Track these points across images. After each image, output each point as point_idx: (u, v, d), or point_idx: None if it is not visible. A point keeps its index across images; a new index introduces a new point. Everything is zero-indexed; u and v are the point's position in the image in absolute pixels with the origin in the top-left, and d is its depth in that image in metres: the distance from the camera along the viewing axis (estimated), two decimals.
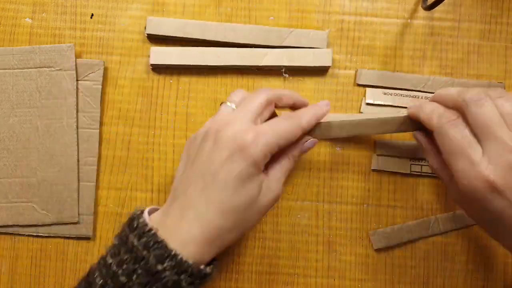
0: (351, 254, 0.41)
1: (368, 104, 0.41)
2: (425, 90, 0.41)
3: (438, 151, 0.33)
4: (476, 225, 0.41)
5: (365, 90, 0.41)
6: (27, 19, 0.42)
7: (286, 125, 0.32)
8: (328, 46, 0.42)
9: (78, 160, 0.41)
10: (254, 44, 0.41)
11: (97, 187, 0.41)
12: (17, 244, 0.41)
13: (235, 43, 0.41)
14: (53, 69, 0.40)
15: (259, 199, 0.31)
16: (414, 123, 0.36)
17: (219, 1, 0.42)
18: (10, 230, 0.41)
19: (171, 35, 0.40)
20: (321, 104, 0.35)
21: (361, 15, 0.42)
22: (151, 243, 0.28)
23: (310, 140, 0.35)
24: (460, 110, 0.31)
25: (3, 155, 0.40)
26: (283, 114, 0.34)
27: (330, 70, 0.42)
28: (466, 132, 0.30)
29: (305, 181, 0.41)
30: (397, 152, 0.41)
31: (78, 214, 0.40)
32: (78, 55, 0.41)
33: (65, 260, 0.41)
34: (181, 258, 0.28)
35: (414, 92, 0.41)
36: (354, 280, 0.41)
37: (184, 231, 0.29)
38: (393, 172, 0.41)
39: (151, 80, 0.42)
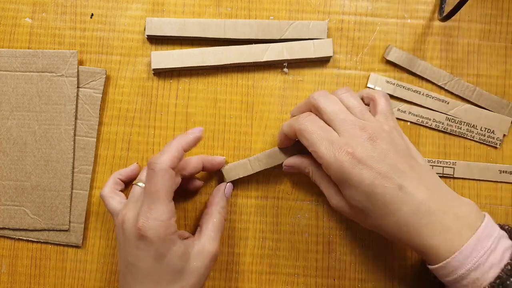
0: (351, 254, 0.41)
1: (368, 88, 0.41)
2: (446, 88, 0.42)
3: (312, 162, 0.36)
4: None
5: (369, 75, 0.42)
6: (27, 19, 0.42)
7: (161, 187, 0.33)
8: (328, 36, 0.42)
9: (73, 168, 0.40)
10: (255, 39, 0.41)
11: (96, 187, 0.41)
12: (17, 244, 0.41)
13: (235, 39, 0.41)
14: (54, 74, 0.40)
15: (190, 264, 0.33)
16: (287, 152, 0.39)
17: (219, 1, 0.42)
18: (0, 232, 0.41)
19: (171, 35, 0.41)
20: (193, 131, 0.36)
21: (361, 15, 0.42)
22: None
23: (227, 187, 0.39)
24: (313, 109, 0.35)
25: None
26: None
27: (330, 70, 0.42)
28: (322, 122, 0.33)
29: (305, 181, 0.41)
30: None
31: (69, 222, 0.40)
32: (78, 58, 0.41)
33: (65, 260, 0.41)
34: None
35: (416, 87, 0.41)
36: (354, 280, 0.41)
37: None
38: None
39: (151, 80, 0.42)
